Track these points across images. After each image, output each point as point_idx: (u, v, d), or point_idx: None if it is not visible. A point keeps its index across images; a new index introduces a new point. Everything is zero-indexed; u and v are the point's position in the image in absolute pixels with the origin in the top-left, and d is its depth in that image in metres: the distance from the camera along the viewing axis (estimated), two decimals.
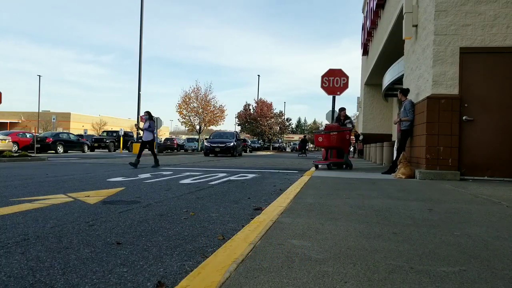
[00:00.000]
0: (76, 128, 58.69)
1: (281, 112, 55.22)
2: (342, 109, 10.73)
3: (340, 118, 10.66)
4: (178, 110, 39.42)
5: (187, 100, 39.25)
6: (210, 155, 21.52)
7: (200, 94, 39.75)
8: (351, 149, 22.69)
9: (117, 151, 28.42)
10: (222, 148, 21.15)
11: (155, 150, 12.12)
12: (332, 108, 11.76)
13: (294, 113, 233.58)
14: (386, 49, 14.39)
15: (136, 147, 23.62)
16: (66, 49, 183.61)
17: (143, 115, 11.69)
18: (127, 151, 28.69)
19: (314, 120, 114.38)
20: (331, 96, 11.37)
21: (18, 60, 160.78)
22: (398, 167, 7.45)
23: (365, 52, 22.55)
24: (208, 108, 39.82)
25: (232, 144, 21.58)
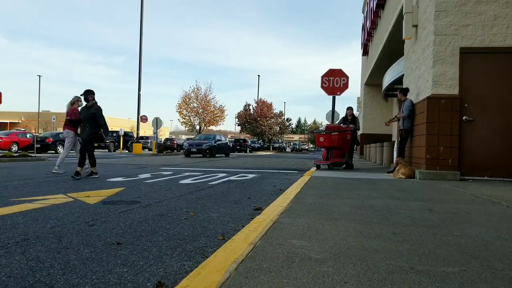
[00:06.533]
0: None
1: (281, 112, 55.24)
2: (349, 108, 10.72)
3: (347, 117, 10.65)
4: (178, 110, 39.45)
5: (187, 100, 39.29)
6: (191, 155, 21.52)
7: (200, 94, 39.78)
8: (355, 149, 22.46)
9: (117, 151, 28.42)
10: (198, 149, 20.85)
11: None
12: (332, 108, 11.76)
13: (296, 114, 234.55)
14: (386, 49, 14.38)
15: (137, 147, 23.67)
16: (77, 51, 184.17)
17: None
18: (127, 151, 28.69)
19: (314, 121, 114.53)
20: (331, 96, 11.38)
21: (30, 62, 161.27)
22: (397, 167, 7.45)
23: (365, 52, 22.54)
24: (208, 108, 39.85)
25: (208, 146, 21.04)
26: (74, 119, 8.12)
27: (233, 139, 48.83)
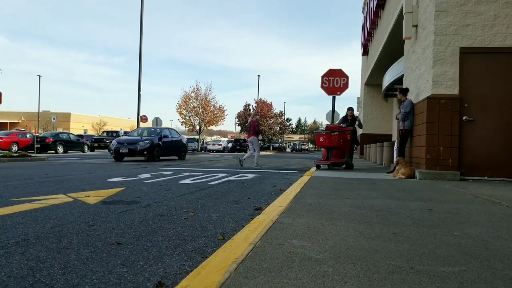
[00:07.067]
0: (76, 128, 58.69)
1: (281, 112, 55.26)
2: (350, 109, 10.72)
3: (347, 117, 10.65)
4: (178, 110, 39.43)
5: (187, 100, 39.26)
6: (124, 159, 14.92)
7: (200, 94, 39.77)
8: (355, 149, 22.30)
9: None
10: (130, 149, 14.14)
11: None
12: (332, 108, 11.76)
13: (297, 114, 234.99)
14: (386, 49, 14.38)
15: None
16: (79, 51, 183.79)
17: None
18: None
19: (314, 121, 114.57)
20: (331, 96, 11.39)
21: (31, 62, 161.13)
22: (397, 167, 7.45)
23: (365, 52, 22.54)
24: (208, 108, 39.83)
25: (147, 144, 14.26)
26: (257, 130, 12.01)
27: (233, 139, 48.80)
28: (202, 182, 6.60)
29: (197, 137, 41.84)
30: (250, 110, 52.71)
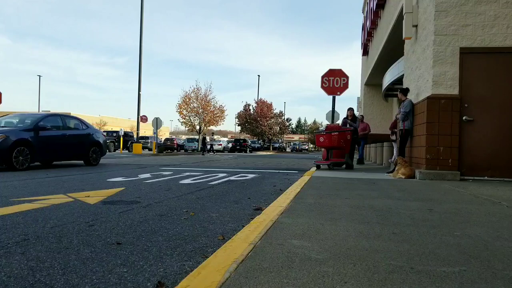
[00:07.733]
0: None
1: (281, 112, 55.27)
2: (350, 109, 10.73)
3: (347, 118, 10.67)
4: (178, 110, 39.47)
5: (187, 100, 39.31)
6: None
7: (200, 94, 39.81)
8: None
9: (117, 151, 28.42)
10: None
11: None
12: (332, 109, 11.76)
13: (298, 114, 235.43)
14: (386, 49, 14.39)
15: (137, 147, 23.67)
16: (81, 51, 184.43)
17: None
18: (127, 151, 28.69)
19: (314, 121, 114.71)
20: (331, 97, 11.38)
21: (34, 62, 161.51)
22: (397, 167, 7.45)
23: (365, 52, 22.56)
24: (208, 108, 39.87)
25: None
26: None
27: (233, 139, 48.81)
28: (202, 182, 6.60)
29: (197, 137, 41.85)
30: (250, 110, 52.76)
